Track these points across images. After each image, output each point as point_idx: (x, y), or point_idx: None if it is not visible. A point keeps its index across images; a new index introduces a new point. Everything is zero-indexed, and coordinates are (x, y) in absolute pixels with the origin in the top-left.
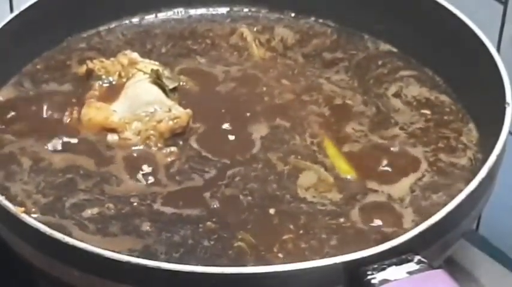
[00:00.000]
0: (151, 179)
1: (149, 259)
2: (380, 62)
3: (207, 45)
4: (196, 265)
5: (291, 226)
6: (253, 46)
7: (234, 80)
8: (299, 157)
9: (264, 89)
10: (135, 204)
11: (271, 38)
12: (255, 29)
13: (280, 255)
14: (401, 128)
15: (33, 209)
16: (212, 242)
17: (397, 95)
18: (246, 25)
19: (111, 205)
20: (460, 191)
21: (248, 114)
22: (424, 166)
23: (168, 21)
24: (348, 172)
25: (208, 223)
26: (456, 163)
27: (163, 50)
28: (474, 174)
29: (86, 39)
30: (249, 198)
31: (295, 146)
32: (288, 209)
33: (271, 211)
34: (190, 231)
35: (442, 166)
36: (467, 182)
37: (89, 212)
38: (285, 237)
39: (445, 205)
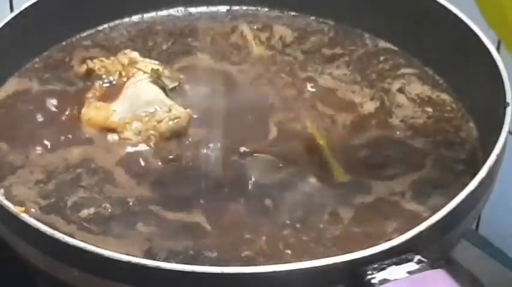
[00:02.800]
0: (151, 180)
1: (149, 259)
2: (381, 58)
3: (207, 43)
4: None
5: (288, 221)
6: (253, 44)
7: (235, 77)
8: (297, 153)
9: (265, 86)
10: (131, 204)
11: (270, 36)
12: (255, 27)
13: (288, 251)
14: (404, 124)
15: (33, 209)
16: (215, 254)
17: (401, 91)
18: (246, 23)
19: (107, 205)
20: (460, 185)
21: (249, 112)
22: (425, 162)
23: (168, 19)
24: (339, 177)
25: (210, 230)
26: (456, 157)
27: (164, 47)
28: (474, 169)
29: (86, 39)
30: (250, 195)
31: (295, 143)
32: (287, 203)
33: (268, 203)
34: (192, 235)
35: (443, 162)
36: (467, 176)
37: (85, 212)
38: (285, 232)
39: (445, 200)
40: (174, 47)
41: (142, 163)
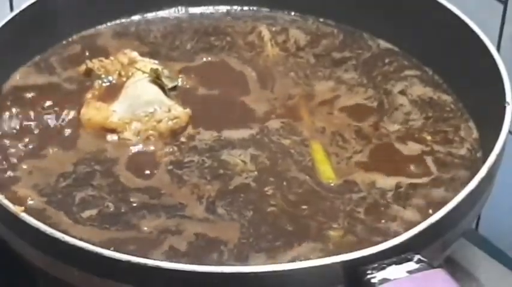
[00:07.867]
0: (151, 180)
1: (149, 259)
2: (386, 60)
3: (227, 43)
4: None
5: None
6: (269, 45)
7: (243, 78)
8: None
9: (274, 87)
10: (134, 204)
11: (286, 39)
12: (273, 29)
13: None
14: (404, 123)
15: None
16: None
17: (402, 93)
18: (266, 25)
19: (110, 204)
20: (460, 185)
21: (252, 113)
22: (424, 162)
23: (189, 18)
24: (330, 178)
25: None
26: (455, 156)
27: (188, 46)
28: (473, 169)
29: (85, 39)
30: (251, 193)
31: (295, 144)
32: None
33: (271, 209)
34: (194, 234)
35: (443, 161)
36: (467, 176)
37: (87, 212)
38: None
39: (444, 200)
40: (190, 45)
41: (142, 163)
